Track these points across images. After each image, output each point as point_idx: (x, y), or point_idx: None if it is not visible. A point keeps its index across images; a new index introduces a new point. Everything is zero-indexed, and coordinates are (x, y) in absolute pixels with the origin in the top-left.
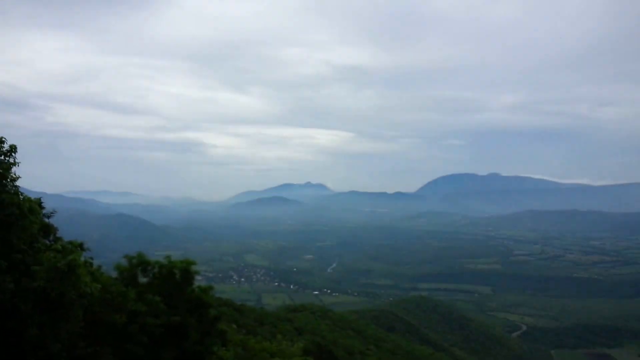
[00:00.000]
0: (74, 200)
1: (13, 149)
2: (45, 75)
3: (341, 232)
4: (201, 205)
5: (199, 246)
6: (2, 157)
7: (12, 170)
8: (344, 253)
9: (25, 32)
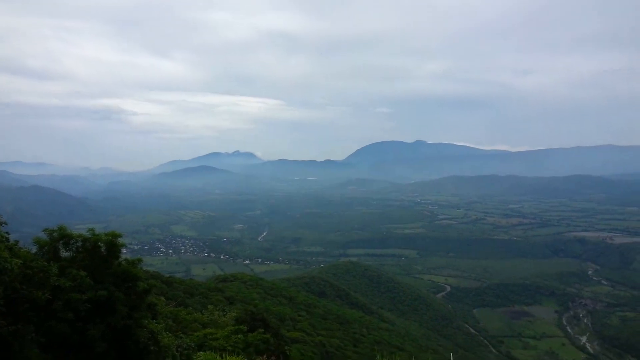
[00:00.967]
0: None
1: None
2: None
3: (271, 201)
4: (123, 175)
5: (121, 217)
6: None
7: None
8: (274, 222)
9: None
